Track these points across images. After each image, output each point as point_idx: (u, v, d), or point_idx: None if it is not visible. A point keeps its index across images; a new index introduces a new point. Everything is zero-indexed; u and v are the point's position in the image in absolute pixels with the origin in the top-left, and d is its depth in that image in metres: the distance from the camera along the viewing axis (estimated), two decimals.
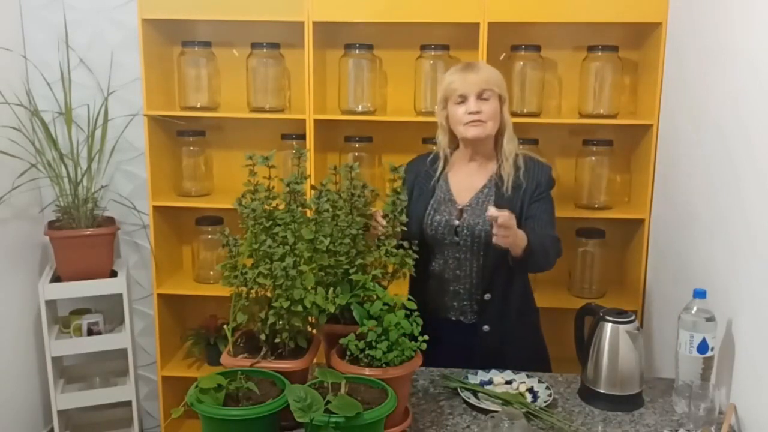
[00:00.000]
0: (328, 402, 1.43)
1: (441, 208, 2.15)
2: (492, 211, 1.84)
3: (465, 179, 2.18)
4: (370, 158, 2.92)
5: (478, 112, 2.07)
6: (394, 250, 1.87)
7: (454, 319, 2.18)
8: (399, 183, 1.95)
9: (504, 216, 1.84)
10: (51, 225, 2.90)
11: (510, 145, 2.13)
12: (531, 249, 1.97)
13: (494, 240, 1.89)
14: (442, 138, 2.20)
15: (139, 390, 3.20)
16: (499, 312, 2.14)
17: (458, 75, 2.10)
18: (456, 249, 2.13)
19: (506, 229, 1.86)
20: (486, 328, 2.15)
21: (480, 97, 2.07)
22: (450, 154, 2.22)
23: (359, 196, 1.89)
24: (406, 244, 1.93)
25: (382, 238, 1.92)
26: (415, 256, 1.92)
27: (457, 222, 2.12)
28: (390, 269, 1.89)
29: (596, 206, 2.85)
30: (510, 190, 2.11)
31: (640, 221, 2.73)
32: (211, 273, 3.03)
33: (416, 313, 1.70)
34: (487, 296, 2.13)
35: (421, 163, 2.26)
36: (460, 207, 2.14)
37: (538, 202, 2.12)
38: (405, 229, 1.96)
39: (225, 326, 1.72)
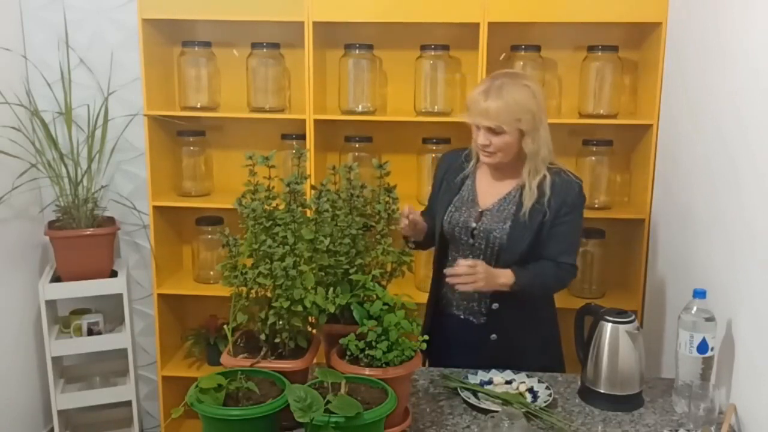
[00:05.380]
0: (328, 402, 1.43)
1: (462, 207, 2.13)
2: (448, 270, 1.95)
3: (492, 183, 2.13)
4: (370, 158, 2.91)
5: (486, 144, 2.01)
6: (392, 249, 1.87)
7: (462, 317, 2.16)
8: (386, 180, 1.94)
9: (464, 272, 1.92)
10: (51, 225, 2.90)
11: (532, 172, 2.03)
12: (520, 287, 1.99)
13: (457, 287, 1.96)
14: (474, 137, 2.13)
15: (139, 390, 3.20)
16: (508, 322, 2.09)
17: (477, 100, 1.97)
18: (470, 250, 2.10)
19: (468, 276, 1.93)
20: (494, 336, 2.10)
21: (491, 130, 1.98)
22: None
23: (358, 196, 1.89)
24: (401, 243, 1.92)
25: (407, 236, 1.96)
26: (412, 255, 1.92)
27: (474, 224, 2.09)
28: (388, 268, 1.89)
29: (596, 206, 2.84)
30: (528, 215, 2.02)
31: (640, 221, 2.73)
32: (211, 273, 3.03)
33: (416, 313, 1.70)
34: (495, 305, 2.08)
35: (455, 156, 2.22)
36: (480, 210, 2.10)
37: (561, 226, 2.03)
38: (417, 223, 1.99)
39: (225, 326, 1.72)
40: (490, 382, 1.96)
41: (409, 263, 1.90)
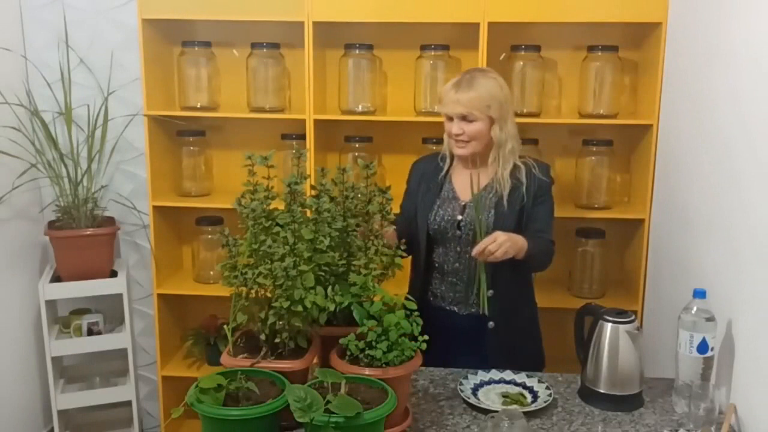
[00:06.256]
0: (328, 402, 1.43)
1: (445, 205, 2.22)
2: (475, 250, 2.00)
3: (468, 179, 2.20)
4: (369, 158, 2.91)
5: (460, 134, 2.13)
6: (385, 250, 1.87)
7: (455, 310, 2.24)
8: (372, 179, 1.94)
9: (489, 243, 1.98)
10: (51, 225, 2.90)
11: (503, 161, 2.17)
12: (530, 253, 2.07)
13: (488, 259, 2.00)
14: (446, 139, 2.25)
15: (139, 390, 3.20)
16: (503, 308, 2.18)
17: (449, 92, 2.14)
18: (458, 242, 2.19)
19: (494, 245, 1.98)
20: (491, 324, 2.18)
21: (464, 118, 2.12)
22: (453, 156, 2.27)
23: (352, 198, 1.89)
24: (395, 243, 1.92)
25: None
26: (404, 255, 1.92)
27: (459, 216, 2.19)
28: (379, 268, 1.88)
29: (596, 206, 2.85)
30: (507, 203, 2.16)
31: (640, 221, 2.73)
32: (211, 273, 3.03)
33: (416, 313, 1.70)
34: (490, 293, 2.14)
35: (427, 162, 2.34)
36: (463, 203, 2.20)
37: (539, 206, 2.19)
38: (394, 227, 2.00)
39: (225, 326, 1.72)
40: (489, 382, 1.96)
41: (400, 264, 1.90)
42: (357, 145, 2.91)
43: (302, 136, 2.80)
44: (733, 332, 1.83)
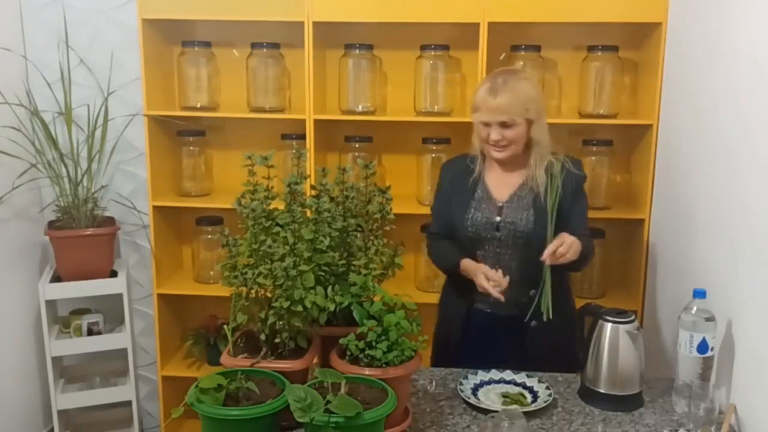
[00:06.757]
0: (328, 402, 1.43)
1: (481, 206, 2.18)
2: (546, 253, 1.97)
3: (502, 178, 2.19)
4: (369, 158, 2.90)
5: (499, 140, 2.09)
6: (385, 250, 1.86)
7: (488, 311, 2.19)
8: (372, 179, 1.93)
9: (558, 245, 1.96)
10: (51, 225, 2.90)
11: (540, 159, 2.14)
12: (583, 253, 2.04)
13: (559, 261, 1.97)
14: (475, 140, 2.20)
15: (139, 390, 3.20)
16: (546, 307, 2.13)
17: (484, 98, 2.07)
18: (497, 244, 2.15)
19: (568, 248, 1.96)
20: (534, 323, 2.13)
21: (503, 124, 2.08)
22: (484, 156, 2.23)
23: (352, 198, 1.89)
24: (392, 243, 1.92)
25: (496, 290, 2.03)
26: (401, 254, 1.91)
27: (497, 218, 2.15)
28: (379, 268, 1.88)
29: (596, 206, 2.84)
30: (544, 201, 2.11)
31: (640, 221, 2.73)
32: (211, 273, 3.03)
33: (416, 313, 1.70)
34: (532, 292, 2.11)
35: (457, 163, 2.29)
36: (499, 204, 2.17)
37: (576, 203, 2.16)
38: (393, 226, 1.96)
39: (225, 326, 1.72)
40: (490, 382, 1.96)
41: (400, 265, 1.90)
42: (357, 145, 2.91)
43: (302, 136, 2.79)
44: (733, 332, 1.83)
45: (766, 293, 1.67)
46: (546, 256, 1.97)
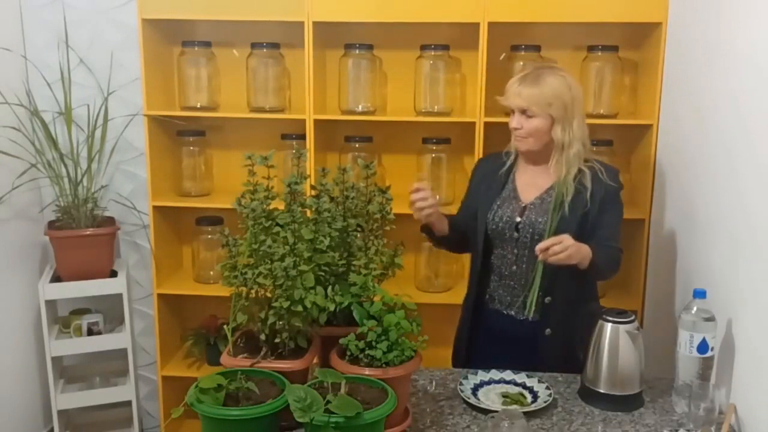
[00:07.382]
0: (328, 402, 1.43)
1: (505, 204, 2.17)
2: (539, 248, 1.92)
3: (531, 179, 2.18)
4: (369, 158, 2.90)
5: (518, 128, 2.09)
6: (385, 250, 1.86)
7: (505, 313, 2.18)
8: (372, 179, 1.92)
9: (554, 242, 1.90)
10: (51, 225, 2.90)
11: (566, 164, 2.08)
12: (595, 263, 1.98)
13: (550, 260, 1.91)
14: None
15: (139, 390, 3.20)
16: (562, 315, 2.10)
17: (513, 85, 2.08)
18: (516, 245, 2.13)
19: (559, 246, 1.90)
20: (548, 331, 2.11)
21: (524, 113, 2.07)
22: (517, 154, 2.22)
23: (352, 198, 1.89)
24: (392, 243, 1.91)
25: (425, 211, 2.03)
26: (401, 254, 1.90)
27: (519, 219, 2.12)
28: (379, 268, 1.88)
29: None
30: (569, 208, 2.06)
31: (640, 221, 2.73)
32: (211, 273, 3.03)
33: (416, 313, 1.70)
34: (547, 299, 2.10)
35: (490, 161, 2.28)
36: (523, 204, 2.15)
37: (606, 213, 2.09)
38: (393, 226, 1.94)
39: (225, 326, 1.72)
40: (490, 382, 1.96)
41: (400, 265, 1.89)
42: (357, 145, 2.90)
43: (302, 136, 2.79)
44: (733, 332, 1.83)
45: (766, 293, 1.67)
46: (538, 250, 1.94)
